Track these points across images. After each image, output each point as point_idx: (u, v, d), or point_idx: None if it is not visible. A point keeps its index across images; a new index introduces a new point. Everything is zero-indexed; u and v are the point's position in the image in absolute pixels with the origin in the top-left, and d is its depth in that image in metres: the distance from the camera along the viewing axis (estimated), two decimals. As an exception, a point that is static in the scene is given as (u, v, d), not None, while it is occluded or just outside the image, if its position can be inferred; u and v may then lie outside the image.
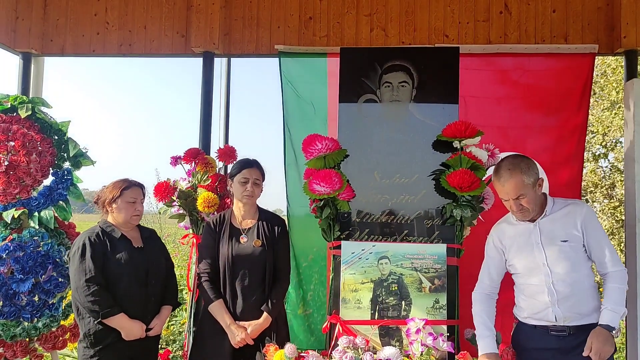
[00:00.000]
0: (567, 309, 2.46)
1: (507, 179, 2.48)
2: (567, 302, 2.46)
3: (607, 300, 2.45)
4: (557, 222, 2.53)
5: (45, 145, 3.52)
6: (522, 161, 2.52)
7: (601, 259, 2.48)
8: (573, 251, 2.48)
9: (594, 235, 2.49)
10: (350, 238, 3.06)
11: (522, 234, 2.59)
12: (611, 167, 7.98)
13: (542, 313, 2.51)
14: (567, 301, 2.46)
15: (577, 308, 2.46)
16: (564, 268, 2.47)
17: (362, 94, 3.21)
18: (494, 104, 3.94)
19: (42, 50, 4.31)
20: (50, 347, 3.47)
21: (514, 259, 2.61)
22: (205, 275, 2.94)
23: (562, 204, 2.59)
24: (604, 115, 7.80)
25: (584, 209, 2.54)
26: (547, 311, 2.49)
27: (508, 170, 2.49)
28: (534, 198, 2.50)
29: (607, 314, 2.41)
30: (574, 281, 2.46)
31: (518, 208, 2.50)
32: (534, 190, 2.49)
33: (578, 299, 2.46)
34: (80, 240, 2.88)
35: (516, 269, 2.62)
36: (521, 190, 2.46)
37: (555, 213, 2.56)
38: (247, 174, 2.98)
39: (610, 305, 2.42)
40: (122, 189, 2.96)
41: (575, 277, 2.47)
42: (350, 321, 2.90)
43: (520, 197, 2.48)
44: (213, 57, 4.14)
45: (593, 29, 3.92)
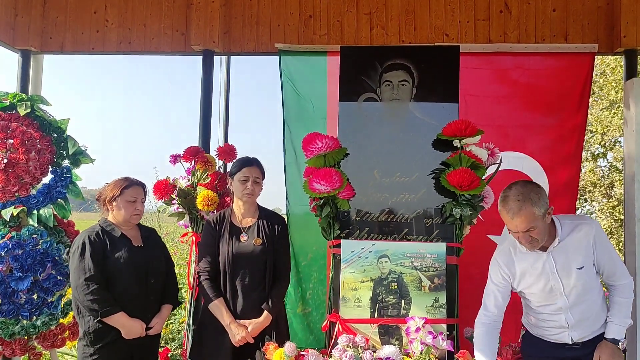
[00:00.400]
0: (582, 330, 2.43)
1: (516, 212, 2.28)
2: (583, 324, 2.43)
3: (613, 313, 2.42)
4: (570, 249, 2.40)
5: (44, 143, 3.52)
6: (532, 191, 2.31)
7: (610, 274, 2.43)
8: (588, 275, 2.40)
9: (603, 253, 2.40)
10: (350, 237, 3.05)
11: (534, 263, 2.44)
12: (610, 166, 8.01)
13: (558, 336, 2.48)
14: (583, 323, 2.43)
15: (592, 327, 2.44)
16: (581, 295, 2.40)
17: (362, 92, 3.21)
18: (494, 103, 3.94)
19: (41, 47, 4.30)
20: (49, 345, 3.46)
21: (529, 288, 2.48)
22: (205, 273, 2.94)
23: (571, 225, 2.43)
24: (603, 114, 7.82)
25: (593, 229, 2.41)
26: (563, 334, 2.46)
27: (517, 201, 2.28)
28: (544, 229, 2.33)
29: (613, 328, 2.40)
30: (589, 304, 2.42)
31: (527, 240, 2.33)
32: (544, 220, 2.31)
33: (593, 320, 2.44)
34: (80, 239, 2.87)
35: (530, 296, 2.52)
36: (532, 223, 2.27)
37: (566, 239, 2.40)
38: (247, 172, 2.98)
39: (617, 319, 2.40)
40: (122, 188, 2.95)
41: (589, 299, 2.42)
42: (350, 320, 2.90)
43: (531, 230, 2.30)
44: (213, 55, 4.13)
45: (593, 28, 3.93)
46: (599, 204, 8.02)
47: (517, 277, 2.50)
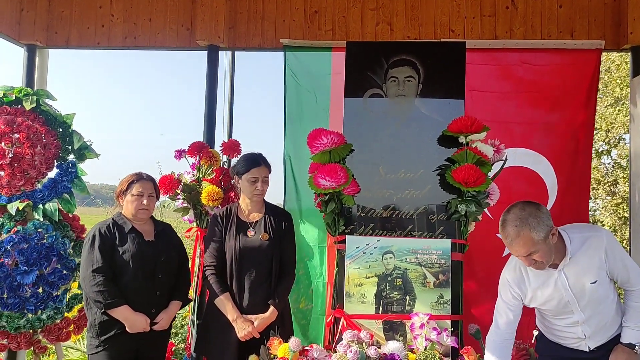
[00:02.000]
0: (598, 339, 2.42)
1: (514, 239, 2.21)
2: (599, 333, 2.41)
3: (628, 318, 2.38)
4: (581, 264, 2.33)
5: (49, 138, 3.52)
6: (531, 215, 2.22)
7: (624, 280, 2.37)
8: (602, 287, 2.34)
9: (616, 262, 2.33)
10: (354, 233, 3.06)
11: (546, 281, 2.38)
12: (614, 163, 7.98)
13: (574, 345, 2.46)
14: (598, 333, 2.41)
15: (608, 333, 2.42)
16: (596, 307, 2.37)
17: (368, 88, 3.20)
18: (500, 99, 3.92)
19: (46, 42, 4.30)
20: (54, 338, 3.47)
21: (544, 305, 2.43)
22: (211, 268, 2.94)
23: (581, 239, 2.34)
24: (608, 111, 7.79)
25: (603, 239, 2.33)
26: (580, 344, 2.45)
27: (515, 227, 2.21)
28: (548, 251, 2.24)
29: (629, 333, 2.37)
30: (605, 313, 2.39)
31: (530, 263, 2.27)
32: (546, 243, 2.22)
33: (609, 326, 2.42)
34: (92, 231, 2.90)
35: (545, 311, 2.48)
36: (531, 248, 2.20)
37: (577, 254, 2.32)
38: (256, 173, 2.96)
39: (632, 323, 2.37)
40: (129, 183, 2.96)
41: (605, 309, 2.39)
42: (355, 315, 2.91)
43: (532, 254, 2.23)
44: (218, 51, 4.12)
45: (599, 24, 3.90)
46: (602, 201, 8.00)
47: (528, 295, 2.44)
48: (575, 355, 2.46)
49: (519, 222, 2.21)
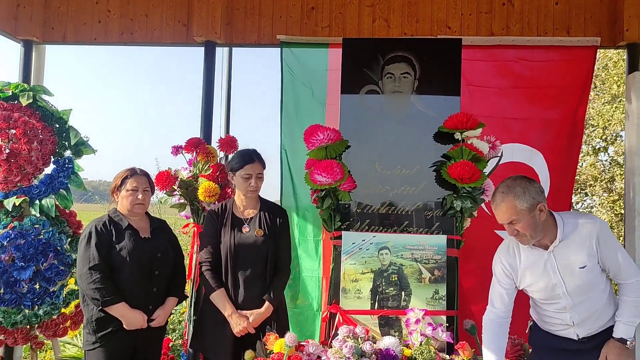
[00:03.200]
0: (588, 327, 2.42)
1: (499, 204, 2.32)
2: (588, 321, 2.42)
3: (621, 312, 2.39)
4: (572, 247, 2.35)
5: (46, 134, 3.52)
6: (519, 185, 2.31)
7: (616, 272, 2.39)
8: (591, 273, 2.36)
9: (607, 252, 2.35)
10: (350, 229, 3.07)
11: (536, 261, 2.42)
12: (611, 160, 7.99)
13: (563, 332, 2.47)
14: (587, 321, 2.42)
15: (598, 323, 2.42)
16: (584, 294, 2.38)
17: (364, 84, 3.21)
18: (496, 96, 3.93)
19: (43, 38, 4.29)
20: (51, 334, 3.49)
21: (531, 286, 2.47)
22: (206, 264, 2.95)
23: (573, 224, 2.37)
24: (605, 108, 7.79)
25: (596, 228, 2.36)
26: (567, 331, 2.46)
27: (501, 194, 2.31)
28: (531, 224, 2.29)
29: (621, 328, 2.37)
30: (593, 302, 2.40)
31: (513, 233, 2.34)
32: (530, 215, 2.28)
33: (598, 316, 2.42)
34: (88, 228, 2.89)
35: (533, 293, 2.51)
36: (513, 215, 2.28)
37: (569, 237, 2.36)
38: (249, 169, 2.97)
39: (625, 318, 2.37)
40: (123, 178, 2.96)
41: (594, 297, 2.40)
42: (350, 311, 2.92)
43: (514, 222, 2.30)
44: (215, 47, 4.12)
45: (595, 21, 3.91)
46: (599, 198, 8.01)
47: (519, 275, 2.47)
48: (566, 346, 2.47)
49: (506, 190, 2.31)
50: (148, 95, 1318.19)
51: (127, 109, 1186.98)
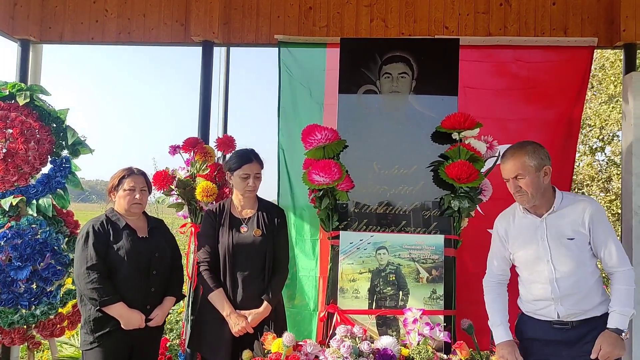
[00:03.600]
0: (569, 306, 2.44)
1: (508, 159, 2.48)
2: (570, 299, 2.44)
3: (614, 302, 2.42)
4: (565, 219, 2.46)
5: (43, 133, 3.52)
6: (531, 145, 2.49)
7: (607, 258, 2.44)
8: (579, 249, 2.43)
9: (600, 234, 2.43)
10: (348, 228, 3.07)
11: (528, 228, 2.53)
12: (608, 160, 8.01)
13: (545, 310, 2.50)
14: (570, 299, 2.44)
15: (580, 305, 2.44)
16: (569, 266, 2.43)
17: (362, 84, 3.21)
18: (493, 96, 3.93)
19: (40, 37, 4.28)
20: (48, 334, 3.48)
21: (518, 252, 2.57)
22: (204, 264, 2.95)
23: (572, 200, 2.51)
24: (602, 108, 7.81)
25: (592, 207, 2.46)
26: (549, 308, 2.48)
27: (512, 149, 2.49)
28: (535, 183, 2.43)
29: (615, 317, 2.39)
30: (577, 279, 2.43)
31: (516, 189, 2.45)
32: (536, 175, 2.43)
33: (581, 297, 2.44)
34: (85, 228, 2.89)
35: (519, 262, 2.59)
36: (520, 169, 2.42)
37: (564, 209, 2.48)
38: (247, 169, 2.97)
39: (618, 307, 2.39)
40: (121, 178, 2.96)
41: (579, 275, 2.43)
42: (348, 310, 2.92)
43: (519, 177, 2.43)
44: (212, 46, 4.12)
45: (592, 22, 3.92)
46: (596, 198, 8.03)
47: (510, 240, 2.60)
48: (552, 336, 2.48)
49: (518, 146, 2.50)
50: (146, 94, 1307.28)
51: (124, 108, 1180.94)
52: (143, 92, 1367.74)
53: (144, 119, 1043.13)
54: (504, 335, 2.56)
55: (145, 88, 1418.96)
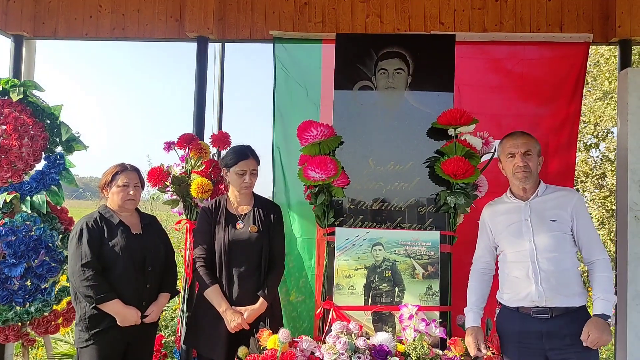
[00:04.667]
0: (549, 288, 2.48)
1: (520, 134, 2.67)
2: (550, 280, 2.49)
3: (597, 289, 2.48)
4: (548, 204, 2.60)
5: (37, 129, 3.49)
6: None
7: (589, 245, 2.54)
8: (560, 232, 2.54)
9: (583, 223, 2.56)
10: (344, 225, 3.07)
11: (512, 211, 2.65)
12: (602, 157, 8.04)
13: (525, 292, 2.53)
14: (550, 279, 2.49)
15: (560, 288, 2.49)
16: (550, 246, 2.52)
17: (358, 80, 3.20)
18: (489, 92, 3.93)
19: (34, 33, 4.25)
20: (43, 331, 3.46)
21: (502, 233, 2.67)
22: (200, 260, 2.94)
23: (555, 189, 2.67)
24: (596, 105, 7.84)
25: (575, 196, 2.64)
26: (529, 290, 2.52)
27: (521, 131, 2.70)
28: (535, 165, 2.63)
29: (600, 304, 2.44)
30: (558, 260, 2.51)
31: (524, 162, 2.58)
32: (537, 159, 2.65)
33: (561, 279, 2.50)
34: (78, 225, 2.87)
35: (503, 245, 2.67)
36: (529, 146, 2.62)
37: (547, 195, 2.63)
38: (244, 165, 2.96)
39: (602, 294, 2.45)
40: (114, 174, 2.95)
41: (559, 256, 2.52)
42: (344, 307, 2.92)
43: (527, 153, 2.60)
44: (207, 42, 4.09)
45: (588, 18, 3.92)
46: (590, 194, 8.06)
47: (495, 223, 2.71)
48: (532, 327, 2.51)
49: (524, 131, 2.70)
50: (140, 91, 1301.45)
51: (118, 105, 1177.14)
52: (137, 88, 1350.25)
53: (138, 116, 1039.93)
54: (471, 321, 2.67)
55: (139, 84, 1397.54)
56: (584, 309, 2.52)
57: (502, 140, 2.75)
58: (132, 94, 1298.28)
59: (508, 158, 2.65)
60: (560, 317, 2.48)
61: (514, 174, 2.63)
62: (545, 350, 2.49)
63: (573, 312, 2.49)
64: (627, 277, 3.30)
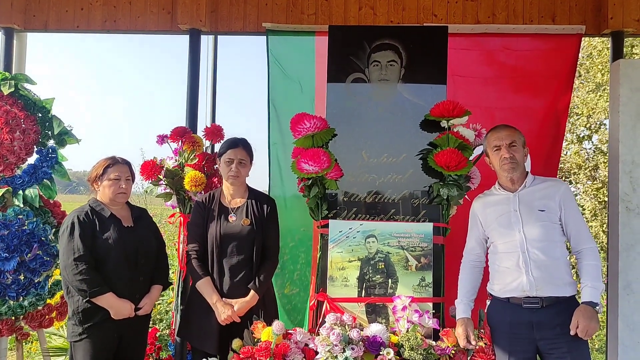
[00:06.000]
0: (539, 276, 2.52)
1: (505, 126, 2.73)
2: (540, 269, 2.53)
3: (585, 277, 2.51)
4: (536, 194, 2.65)
5: (29, 123, 3.47)
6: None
7: (577, 234, 2.59)
8: (549, 221, 2.58)
9: (571, 212, 2.61)
10: (337, 217, 3.07)
11: (501, 202, 2.69)
12: (595, 149, 8.06)
13: (515, 282, 2.56)
14: (539, 267, 2.53)
15: (550, 277, 2.52)
16: (539, 235, 2.56)
17: (351, 72, 3.20)
18: (481, 84, 3.94)
19: (24, 25, 4.21)
20: (37, 325, 3.46)
21: (492, 224, 2.70)
22: (193, 253, 2.95)
23: (542, 180, 2.73)
24: (589, 97, 7.85)
25: (563, 186, 2.69)
26: (520, 280, 2.55)
27: (504, 124, 2.77)
28: (521, 157, 2.68)
29: (589, 291, 2.48)
30: (547, 249, 2.55)
31: (510, 154, 2.63)
32: (522, 150, 2.70)
33: (551, 268, 2.53)
34: (69, 219, 2.86)
35: (493, 236, 2.70)
36: (514, 138, 2.67)
37: (535, 186, 2.68)
38: (232, 154, 2.97)
39: (590, 282, 2.49)
40: (105, 167, 2.94)
41: (549, 245, 2.56)
42: (338, 299, 2.93)
43: (513, 145, 2.65)
44: (200, 35, 4.07)
45: (580, 9, 3.92)
46: (583, 186, 8.09)
47: (485, 214, 2.75)
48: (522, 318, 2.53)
49: (507, 125, 2.77)
50: (133, 84, 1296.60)
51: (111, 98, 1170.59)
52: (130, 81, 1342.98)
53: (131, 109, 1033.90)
54: (461, 312, 2.71)
55: (132, 77, 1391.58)
56: (574, 299, 2.56)
57: (486, 135, 2.82)
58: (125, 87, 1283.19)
59: (494, 151, 2.70)
60: (550, 307, 2.51)
61: (501, 166, 2.67)
62: (536, 340, 2.51)
63: (563, 302, 2.52)
64: (619, 266, 3.32)
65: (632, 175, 3.37)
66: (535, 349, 2.53)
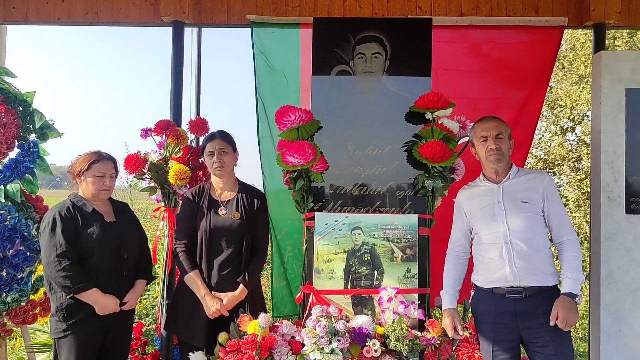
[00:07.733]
0: (522, 267, 2.55)
1: (491, 118, 2.75)
2: (523, 259, 2.56)
3: (566, 268, 2.55)
4: (520, 186, 2.68)
5: (9, 117, 3.42)
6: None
7: (559, 226, 2.63)
8: (532, 213, 2.61)
9: (553, 204, 2.64)
10: (323, 210, 3.07)
11: (486, 194, 2.72)
12: (578, 140, 8.14)
13: (499, 273, 2.59)
14: (523, 258, 2.56)
15: (533, 267, 2.56)
16: (522, 226, 2.59)
17: (335, 65, 3.19)
18: (466, 76, 3.96)
19: (4, 18, 4.14)
20: (20, 321, 3.42)
21: (476, 215, 2.73)
22: (181, 246, 2.94)
23: (526, 172, 2.76)
24: (572, 89, 7.91)
25: (546, 178, 2.71)
26: (503, 270, 2.58)
27: (491, 115, 2.79)
28: (507, 148, 2.70)
29: (569, 283, 2.52)
30: (530, 239, 2.58)
31: (496, 145, 2.65)
32: (508, 142, 2.72)
33: (534, 258, 2.57)
34: (50, 214, 2.83)
35: (477, 227, 2.73)
36: (501, 129, 2.69)
37: (519, 178, 2.71)
38: (210, 146, 2.99)
39: (570, 273, 2.53)
40: (90, 163, 2.91)
41: (531, 235, 2.59)
42: (324, 291, 2.94)
43: (499, 137, 2.67)
44: (183, 27, 4.03)
45: (563, 2, 3.95)
46: (567, 177, 8.18)
47: (470, 206, 2.77)
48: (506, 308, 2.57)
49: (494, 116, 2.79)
50: (116, 77, 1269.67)
51: (94, 91, 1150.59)
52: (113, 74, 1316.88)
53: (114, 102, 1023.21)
54: (447, 303, 2.74)
55: (115, 70, 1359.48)
56: (556, 288, 2.59)
57: (474, 125, 2.82)
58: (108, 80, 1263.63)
59: (481, 142, 2.71)
60: (533, 297, 2.54)
61: (487, 157, 2.69)
62: (519, 329, 2.55)
63: (546, 291, 2.55)
64: (601, 256, 3.36)
65: (613, 166, 3.41)
66: (519, 338, 2.57)
